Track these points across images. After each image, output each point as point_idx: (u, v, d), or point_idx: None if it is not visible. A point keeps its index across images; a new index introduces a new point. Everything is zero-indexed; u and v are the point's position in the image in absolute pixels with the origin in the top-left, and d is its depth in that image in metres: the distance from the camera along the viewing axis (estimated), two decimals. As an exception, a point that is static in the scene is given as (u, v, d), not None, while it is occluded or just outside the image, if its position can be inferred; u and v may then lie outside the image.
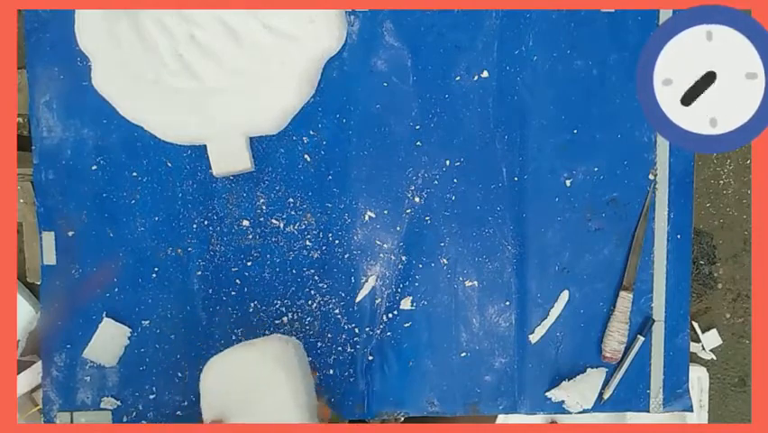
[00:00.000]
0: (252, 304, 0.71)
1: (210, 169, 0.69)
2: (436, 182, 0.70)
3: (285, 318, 0.71)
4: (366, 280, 0.71)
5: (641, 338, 0.70)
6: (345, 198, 0.70)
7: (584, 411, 0.71)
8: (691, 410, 0.72)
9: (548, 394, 0.71)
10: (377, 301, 0.71)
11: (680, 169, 0.71)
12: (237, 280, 0.71)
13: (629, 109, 0.70)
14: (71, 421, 0.71)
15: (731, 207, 1.38)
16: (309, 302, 0.71)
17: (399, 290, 0.71)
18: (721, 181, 1.37)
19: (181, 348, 0.71)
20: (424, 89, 0.70)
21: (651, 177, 0.71)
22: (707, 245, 1.37)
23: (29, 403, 1.09)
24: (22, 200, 1.13)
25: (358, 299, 0.71)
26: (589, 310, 0.71)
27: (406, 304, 0.71)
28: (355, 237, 0.70)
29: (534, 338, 0.71)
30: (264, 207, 0.70)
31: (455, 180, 0.70)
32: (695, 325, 1.37)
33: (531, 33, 0.69)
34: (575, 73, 0.70)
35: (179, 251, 0.70)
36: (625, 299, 0.70)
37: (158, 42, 0.66)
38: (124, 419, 0.71)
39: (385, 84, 0.70)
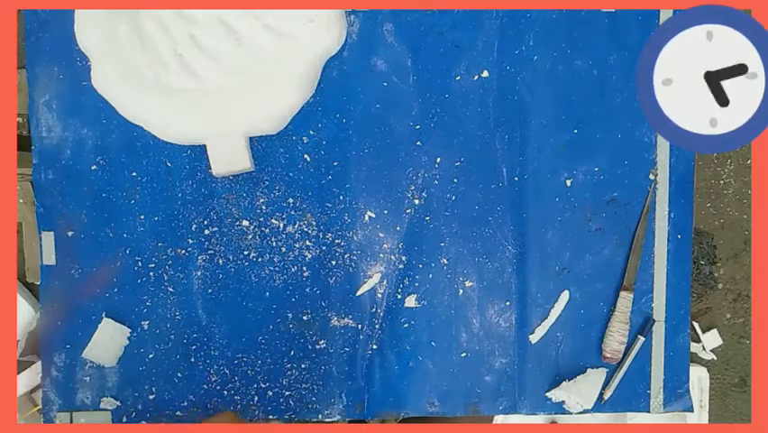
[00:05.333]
0: (252, 304, 0.71)
1: (210, 169, 0.69)
2: (436, 182, 0.70)
3: (285, 318, 0.71)
4: (366, 281, 0.70)
5: (641, 338, 0.70)
6: (345, 198, 0.70)
7: (584, 412, 0.71)
8: (692, 411, 0.72)
9: (548, 395, 0.71)
10: (377, 301, 0.71)
11: (680, 169, 0.71)
12: (237, 281, 0.70)
13: (629, 109, 0.70)
14: (71, 421, 0.71)
15: (731, 208, 1.37)
16: (309, 302, 0.71)
17: (400, 290, 0.71)
18: (721, 181, 1.37)
19: (181, 348, 0.71)
20: (424, 89, 0.69)
21: (651, 177, 0.71)
22: (707, 245, 1.37)
23: (29, 403, 1.09)
24: (21, 200, 1.13)
25: (357, 297, 0.70)
26: (590, 310, 0.71)
27: (410, 302, 0.71)
28: (355, 237, 0.70)
29: (534, 338, 0.71)
30: (264, 207, 0.70)
31: (455, 180, 0.70)
32: (695, 325, 1.37)
33: (531, 33, 0.69)
34: (575, 73, 0.70)
35: (179, 251, 0.70)
36: (625, 300, 0.70)
37: (158, 42, 0.66)
38: (124, 420, 0.71)
39: (385, 84, 0.70)
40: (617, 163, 0.70)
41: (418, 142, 0.70)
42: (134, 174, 0.70)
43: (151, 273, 0.70)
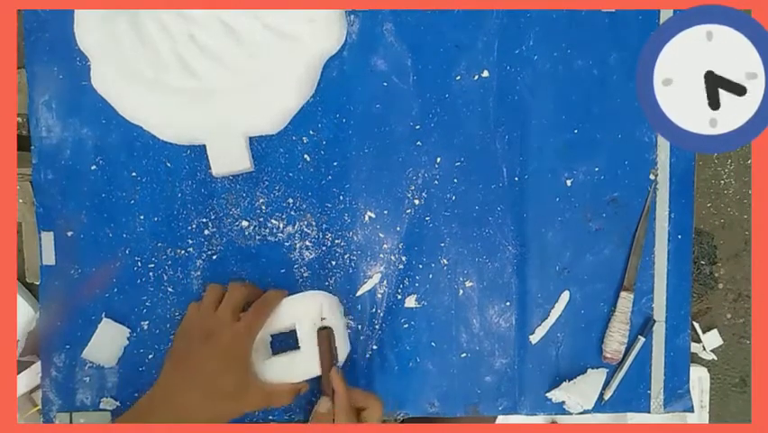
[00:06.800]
0: (252, 304, 0.70)
1: (209, 169, 0.69)
2: (436, 182, 0.70)
3: (285, 319, 0.70)
4: (366, 281, 0.70)
5: (642, 339, 0.70)
6: (345, 198, 0.70)
7: (585, 412, 0.71)
8: (692, 411, 0.72)
9: (548, 395, 0.71)
10: (377, 302, 0.70)
11: (680, 169, 0.71)
12: (237, 281, 0.70)
13: (630, 109, 0.70)
14: (70, 422, 0.70)
15: (732, 207, 1.38)
16: (309, 302, 0.70)
17: (400, 290, 0.71)
18: (722, 181, 1.37)
19: (181, 349, 0.70)
20: (424, 89, 0.69)
21: (651, 177, 0.71)
22: (707, 245, 1.38)
23: (28, 404, 1.09)
24: (21, 200, 1.13)
25: (357, 297, 0.70)
26: (590, 311, 0.71)
27: (410, 302, 0.71)
28: (355, 237, 0.70)
29: (534, 339, 0.71)
30: (264, 207, 0.70)
31: (455, 180, 0.70)
32: (696, 325, 1.37)
33: (531, 33, 0.69)
34: (576, 73, 0.70)
35: (179, 251, 0.70)
36: (625, 300, 0.70)
37: (157, 42, 0.66)
38: (124, 420, 0.71)
39: (385, 84, 0.70)
40: (618, 163, 0.70)
41: (418, 142, 0.70)
42: (134, 174, 0.70)
43: (151, 273, 0.70)
